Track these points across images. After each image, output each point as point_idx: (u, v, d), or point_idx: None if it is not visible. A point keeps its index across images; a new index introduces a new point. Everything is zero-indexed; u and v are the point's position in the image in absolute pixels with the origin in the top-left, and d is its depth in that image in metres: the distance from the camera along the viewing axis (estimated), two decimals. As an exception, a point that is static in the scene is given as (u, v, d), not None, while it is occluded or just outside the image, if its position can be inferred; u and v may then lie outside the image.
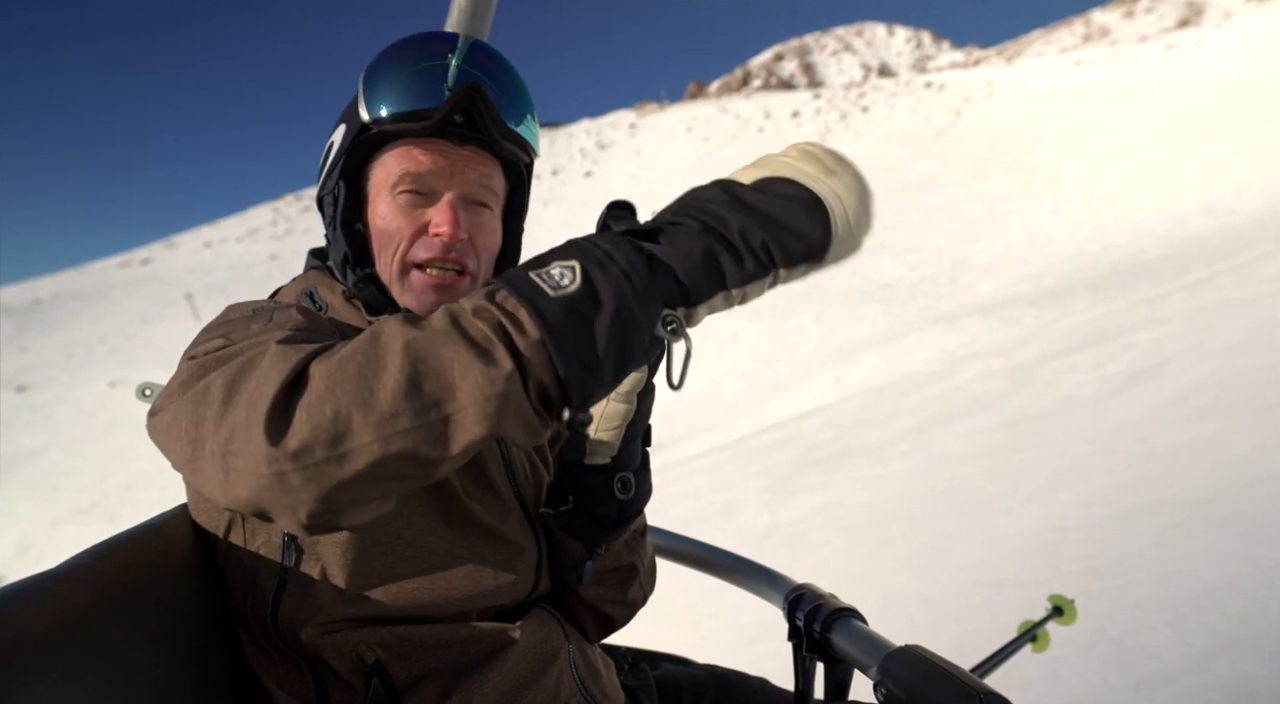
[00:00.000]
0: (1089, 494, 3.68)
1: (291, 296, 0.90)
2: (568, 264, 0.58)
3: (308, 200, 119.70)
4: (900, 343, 23.40)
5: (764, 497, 5.79)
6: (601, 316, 0.56)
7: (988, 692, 0.67)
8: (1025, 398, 6.47)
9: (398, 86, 0.82)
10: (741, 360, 32.34)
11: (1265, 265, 9.89)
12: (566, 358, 0.55)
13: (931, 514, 4.21)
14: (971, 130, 73.94)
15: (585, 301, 0.56)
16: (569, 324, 0.55)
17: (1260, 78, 60.01)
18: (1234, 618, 2.26)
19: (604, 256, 0.58)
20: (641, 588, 1.00)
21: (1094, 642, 2.32)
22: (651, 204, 5.12)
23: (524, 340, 0.55)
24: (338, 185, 0.87)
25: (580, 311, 0.56)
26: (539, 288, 0.57)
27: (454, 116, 0.83)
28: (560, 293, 0.56)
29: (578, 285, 0.56)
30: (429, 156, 0.84)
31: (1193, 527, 2.95)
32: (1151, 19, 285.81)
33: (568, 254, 0.59)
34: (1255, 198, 36.54)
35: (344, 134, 0.87)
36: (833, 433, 8.02)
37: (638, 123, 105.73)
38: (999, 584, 3.00)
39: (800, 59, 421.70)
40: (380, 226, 0.85)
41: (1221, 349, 5.71)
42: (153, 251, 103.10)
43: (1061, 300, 21.34)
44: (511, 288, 0.57)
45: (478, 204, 0.87)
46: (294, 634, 0.77)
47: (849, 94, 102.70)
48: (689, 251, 0.59)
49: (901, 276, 42.51)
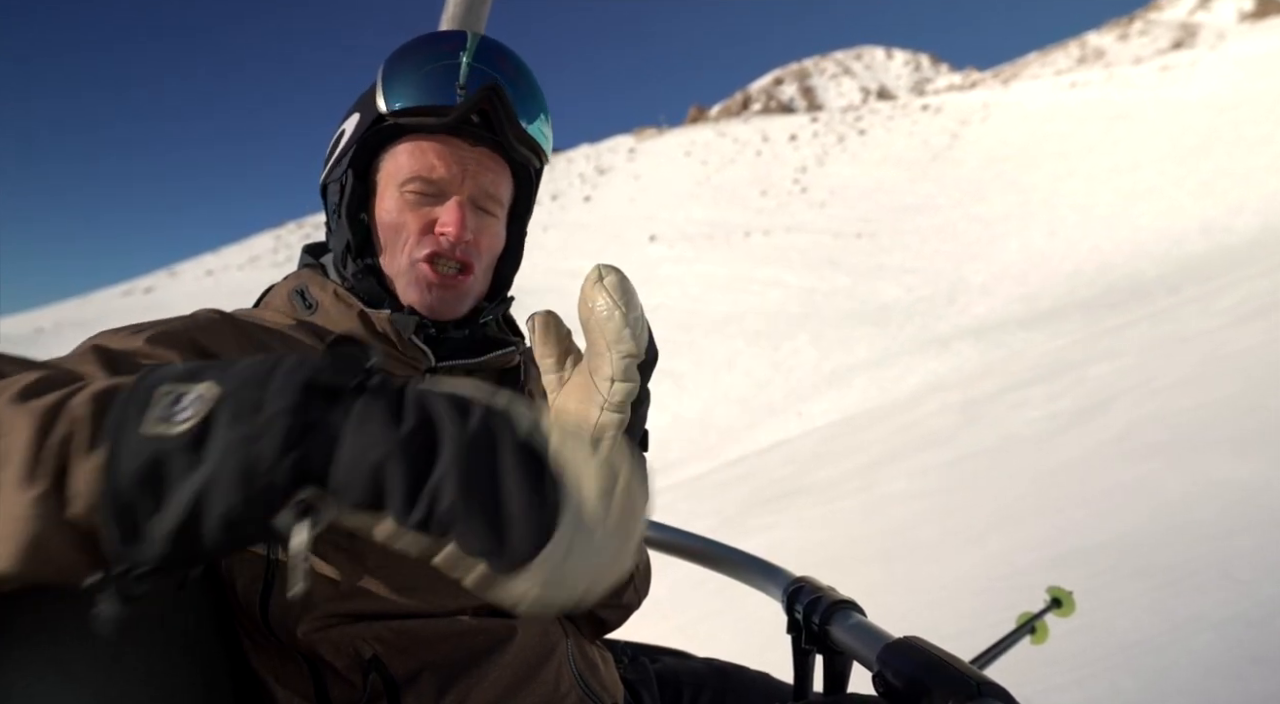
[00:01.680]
0: (1021, 539, 3.60)
1: (283, 295, 0.89)
2: (211, 394, 0.45)
3: (309, 228, 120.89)
4: (893, 367, 23.29)
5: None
6: (187, 482, 0.43)
7: (986, 682, 0.66)
8: (973, 435, 6.44)
9: (417, 80, 0.83)
10: (736, 384, 32.17)
11: (1224, 296, 9.88)
12: (114, 522, 0.44)
13: (865, 559, 4.12)
14: (968, 152, 74.42)
15: (180, 455, 0.44)
16: (141, 478, 0.44)
17: (1255, 98, 60.39)
18: (1142, 677, 2.16)
19: (251, 406, 0.44)
20: (636, 591, 0.99)
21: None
22: (650, 227, 5.01)
23: (82, 468, 0.45)
24: (346, 174, 0.88)
25: (165, 465, 0.44)
26: (144, 409, 0.45)
27: (471, 116, 0.84)
28: (157, 430, 0.44)
29: (186, 428, 0.44)
30: (441, 157, 0.84)
31: (1116, 576, 2.85)
32: (1146, 41, 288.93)
33: (226, 377, 0.46)
34: (1252, 217, 36.54)
35: (357, 123, 0.88)
36: (789, 469, 7.95)
37: (636, 147, 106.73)
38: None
39: (800, 83, 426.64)
40: (387, 221, 0.86)
41: (1167, 386, 5.70)
42: (156, 280, 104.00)
43: (1052, 322, 21.26)
44: (126, 398, 0.46)
45: (484, 208, 0.88)
46: (288, 630, 0.75)
47: (846, 117, 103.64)
48: (363, 451, 0.44)
49: (898, 298, 42.48)
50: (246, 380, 0.46)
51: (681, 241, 65.73)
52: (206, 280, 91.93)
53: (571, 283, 77.08)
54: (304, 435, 0.44)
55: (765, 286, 50.50)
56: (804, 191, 78.18)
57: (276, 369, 0.47)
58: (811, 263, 55.04)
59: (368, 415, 0.45)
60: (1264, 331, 6.52)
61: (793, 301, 46.41)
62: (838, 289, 47.45)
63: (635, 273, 3.05)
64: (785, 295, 47.94)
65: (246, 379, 0.46)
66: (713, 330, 42.79)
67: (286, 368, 0.47)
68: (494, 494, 0.44)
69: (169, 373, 0.47)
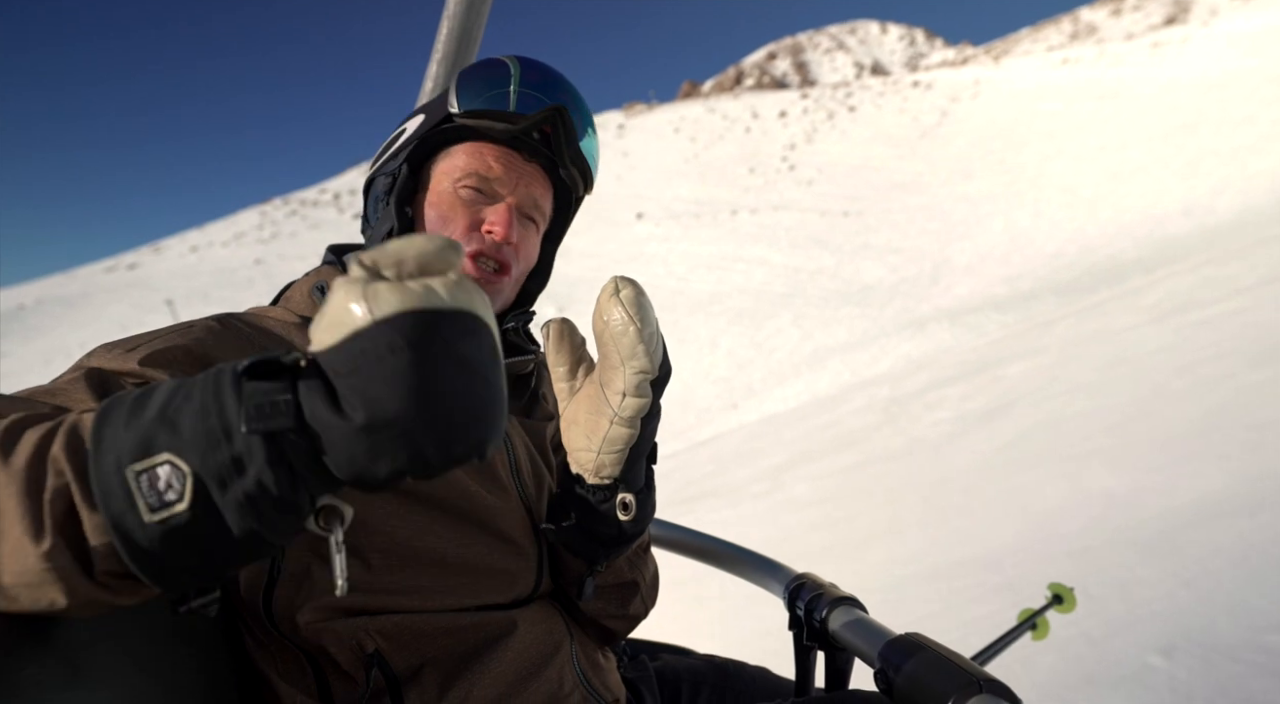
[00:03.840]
0: (901, 552, 3.58)
1: (304, 291, 0.89)
2: (178, 464, 0.45)
3: (294, 204, 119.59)
4: (867, 349, 23.31)
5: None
6: (217, 539, 0.46)
7: (988, 678, 0.66)
8: (884, 437, 6.46)
9: (488, 90, 0.87)
10: (718, 364, 32.20)
11: (1152, 291, 9.90)
12: (160, 578, 0.47)
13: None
14: (958, 129, 74.05)
15: (195, 524, 0.45)
16: (167, 549, 0.46)
17: (1244, 75, 60.22)
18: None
19: (228, 468, 0.45)
20: (643, 603, 0.98)
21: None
22: (637, 205, 4.92)
23: (91, 526, 0.47)
24: (401, 167, 0.89)
25: (186, 534, 0.46)
26: (131, 499, 0.45)
27: (534, 131, 0.88)
28: (160, 516, 0.45)
29: (185, 508, 0.45)
30: (498, 161, 0.87)
31: (980, 591, 2.84)
32: (1139, 16, 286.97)
33: (180, 444, 0.46)
34: (1234, 198, 36.58)
35: (422, 122, 0.90)
36: (711, 468, 7.91)
37: (626, 124, 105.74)
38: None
39: (794, 58, 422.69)
40: (435, 214, 0.87)
41: (1067, 390, 5.74)
42: (140, 256, 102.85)
43: (1028, 305, 21.28)
44: (97, 486, 0.46)
45: (528, 219, 0.90)
46: (290, 624, 0.75)
47: (836, 94, 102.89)
48: (348, 456, 0.45)
49: (882, 278, 42.45)
50: (204, 445, 0.45)
51: (668, 220, 65.35)
52: (191, 257, 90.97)
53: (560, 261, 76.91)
54: (294, 477, 0.46)
55: (751, 266, 50.39)
56: (792, 169, 77.71)
57: (223, 411, 0.45)
58: (798, 242, 54.89)
59: (322, 426, 0.44)
60: (1174, 331, 6.54)
61: (778, 281, 46.35)
62: (823, 269, 47.37)
63: (621, 251, 3.00)
64: (770, 275, 47.86)
65: (203, 442, 0.45)
66: (697, 309, 42.75)
67: (227, 409, 0.45)
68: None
69: (122, 449, 0.46)
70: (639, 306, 0.70)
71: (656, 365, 0.72)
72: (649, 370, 0.71)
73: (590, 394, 0.76)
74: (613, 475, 0.81)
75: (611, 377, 0.72)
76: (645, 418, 0.77)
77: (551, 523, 0.86)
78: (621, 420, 0.75)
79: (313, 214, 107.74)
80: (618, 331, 0.70)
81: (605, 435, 0.77)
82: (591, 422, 0.76)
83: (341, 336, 0.44)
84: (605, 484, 0.82)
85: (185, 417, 0.46)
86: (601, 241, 66.46)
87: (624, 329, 0.69)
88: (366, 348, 0.43)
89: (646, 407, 0.75)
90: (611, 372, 0.72)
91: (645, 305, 0.71)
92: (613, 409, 0.73)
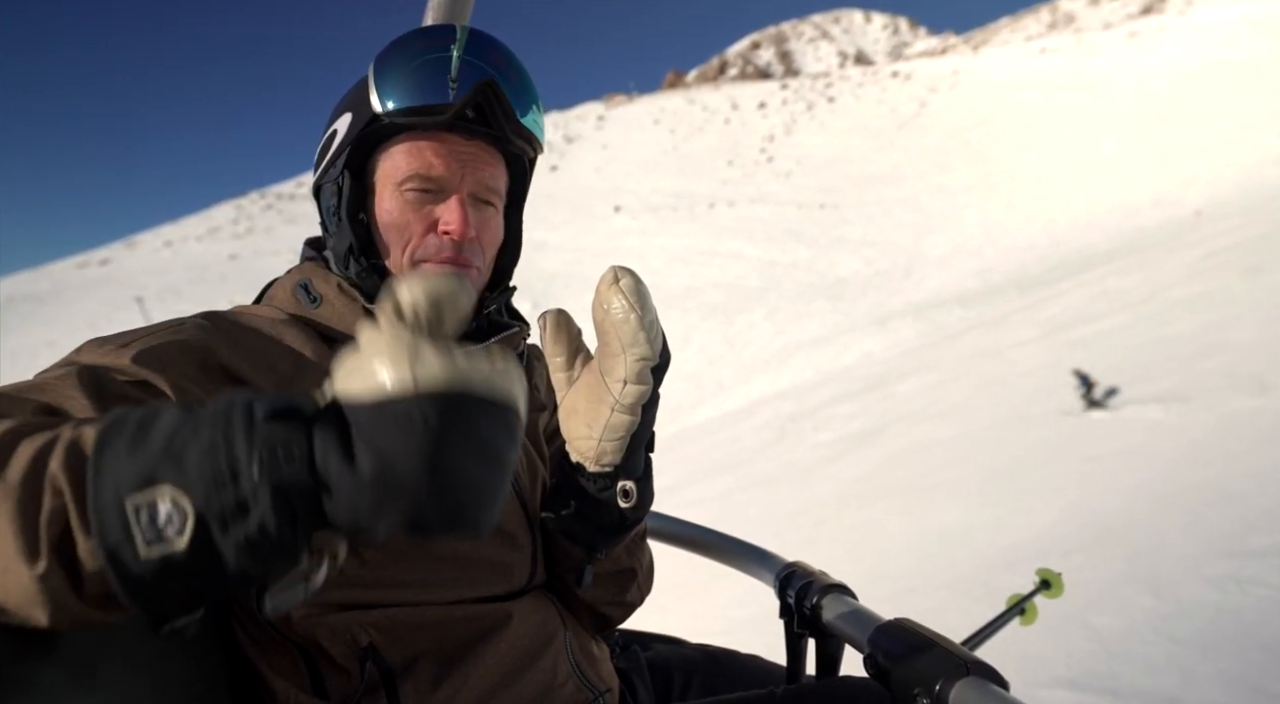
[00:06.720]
0: (738, 592, 3.43)
1: (287, 289, 0.87)
2: (180, 500, 0.44)
3: (270, 198, 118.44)
4: (832, 345, 23.26)
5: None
6: (211, 575, 0.45)
7: (976, 661, 0.68)
8: (767, 458, 6.41)
9: (409, 77, 0.81)
10: (689, 360, 32.09)
11: (1057, 302, 9.91)
12: (148, 605, 0.46)
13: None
14: (935, 120, 74.13)
15: (193, 561, 0.45)
16: (159, 581, 0.45)
17: (1217, 65, 60.63)
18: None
19: (232, 510, 0.44)
20: (639, 590, 0.98)
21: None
22: (615, 198, 4.60)
23: (86, 551, 0.46)
24: (342, 175, 0.85)
25: (181, 569, 0.45)
26: (129, 531, 0.44)
27: (466, 112, 0.83)
28: (156, 551, 0.44)
29: (184, 546, 0.44)
30: (439, 155, 0.83)
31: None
32: (1116, 5, 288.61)
33: (185, 481, 0.45)
34: (1202, 189, 36.78)
35: (350, 123, 0.85)
36: None
37: (605, 115, 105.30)
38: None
39: (777, 47, 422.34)
40: (388, 222, 0.84)
41: (939, 413, 5.70)
42: (113, 251, 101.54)
43: (991, 300, 21.31)
44: (95, 514, 0.45)
45: (484, 202, 0.87)
46: (283, 619, 0.75)
47: (816, 84, 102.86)
48: (352, 507, 0.45)
49: (856, 272, 42.46)
50: (208, 482, 0.44)
51: (646, 213, 65.13)
52: (165, 252, 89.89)
53: (537, 255, 76.32)
54: (294, 519, 0.45)
55: (726, 260, 50.31)
56: (770, 161, 77.64)
57: (231, 451, 0.45)
58: (774, 235, 54.83)
59: (331, 476, 0.44)
60: (1053, 350, 6.51)
61: (752, 275, 46.30)
62: (797, 262, 47.37)
63: (598, 245, 2.63)
64: (745, 268, 47.81)
65: (207, 479, 0.44)
66: (671, 304, 42.65)
67: (236, 449, 0.45)
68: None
69: (122, 478, 0.45)
70: (638, 294, 0.71)
71: (657, 352, 0.73)
72: (650, 357, 0.73)
73: (590, 382, 0.77)
74: (613, 463, 0.81)
75: (612, 364, 0.73)
76: (645, 405, 0.77)
77: (550, 512, 0.87)
78: (623, 407, 0.76)
79: (289, 208, 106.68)
80: (618, 319, 0.71)
81: (606, 423, 0.77)
82: (592, 409, 0.77)
83: (374, 393, 0.44)
84: (606, 472, 0.82)
85: (191, 452, 0.45)
86: (579, 235, 66.13)
87: (625, 317, 0.71)
88: (399, 413, 0.44)
89: (647, 393, 0.76)
90: (612, 359, 0.73)
91: (644, 293, 0.72)
92: (614, 396, 0.74)
